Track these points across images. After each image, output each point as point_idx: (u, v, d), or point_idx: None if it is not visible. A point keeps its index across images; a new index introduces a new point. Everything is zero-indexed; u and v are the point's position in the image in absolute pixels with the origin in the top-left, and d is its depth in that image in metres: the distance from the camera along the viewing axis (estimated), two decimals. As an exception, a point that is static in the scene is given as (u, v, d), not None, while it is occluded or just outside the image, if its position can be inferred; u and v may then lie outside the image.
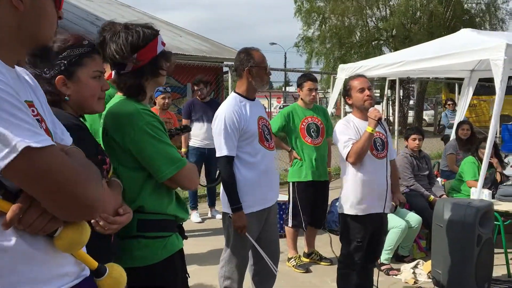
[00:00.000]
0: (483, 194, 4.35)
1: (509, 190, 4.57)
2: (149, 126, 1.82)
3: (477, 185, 4.42)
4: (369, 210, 3.24)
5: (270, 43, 61.30)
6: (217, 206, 6.06)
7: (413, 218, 4.56)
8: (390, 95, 15.68)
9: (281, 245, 3.40)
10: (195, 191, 6.22)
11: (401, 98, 17.63)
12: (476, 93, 8.63)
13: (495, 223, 3.94)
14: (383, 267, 4.30)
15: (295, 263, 4.50)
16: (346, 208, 3.28)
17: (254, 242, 2.95)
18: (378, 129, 3.23)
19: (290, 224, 4.54)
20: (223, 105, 2.96)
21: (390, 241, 4.29)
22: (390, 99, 16.36)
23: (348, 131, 3.24)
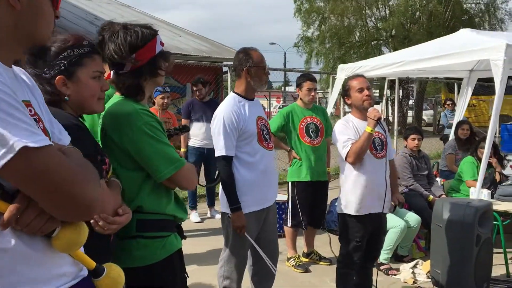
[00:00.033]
0: (482, 194, 4.35)
1: (508, 190, 4.56)
2: (147, 126, 1.82)
3: (476, 185, 4.43)
4: (368, 210, 3.23)
5: (270, 43, 61.52)
6: (217, 206, 6.06)
7: (412, 218, 4.56)
8: (389, 95, 15.68)
9: (280, 245, 3.40)
10: (194, 191, 6.23)
11: (401, 98, 17.64)
12: (475, 93, 8.63)
13: (494, 223, 3.94)
14: (382, 267, 4.29)
15: (294, 263, 4.50)
16: (345, 208, 3.28)
17: (253, 242, 2.95)
18: (377, 129, 3.22)
19: (289, 224, 4.54)
20: (222, 105, 2.96)
21: (389, 241, 4.29)
22: (389, 99, 16.36)
23: (347, 131, 3.24)
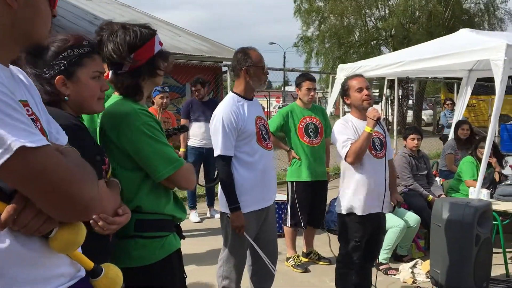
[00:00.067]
0: (482, 194, 4.35)
1: (508, 190, 4.56)
2: (146, 126, 1.81)
3: (475, 185, 4.43)
4: (367, 210, 3.23)
5: (269, 42, 61.12)
6: (216, 205, 6.05)
7: (412, 217, 4.56)
8: (389, 94, 15.68)
9: (280, 244, 3.39)
10: (194, 191, 6.23)
11: (400, 97, 17.64)
12: (475, 92, 8.63)
13: (493, 222, 3.95)
14: (381, 267, 4.29)
15: (293, 263, 4.50)
16: (344, 208, 3.27)
17: (252, 241, 2.95)
18: (377, 128, 3.22)
19: (288, 223, 4.54)
20: (221, 105, 2.96)
21: (388, 240, 4.28)
22: (389, 98, 16.36)
23: (346, 131, 3.23)
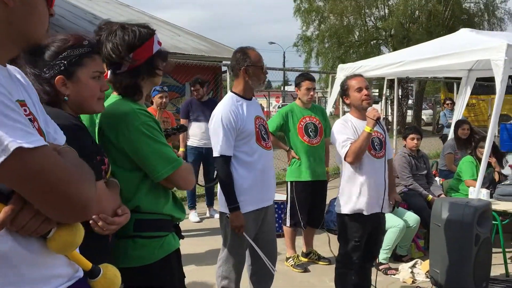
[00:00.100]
0: (481, 194, 4.35)
1: (507, 190, 4.56)
2: (144, 126, 1.81)
3: (475, 185, 4.43)
4: (367, 210, 3.23)
5: (269, 42, 61.20)
6: (216, 205, 6.05)
7: (411, 217, 4.56)
8: (388, 94, 15.68)
9: (279, 244, 3.39)
10: (193, 191, 6.23)
11: (400, 97, 17.64)
12: (475, 92, 8.64)
13: (493, 222, 3.94)
14: (381, 267, 4.28)
15: (293, 263, 4.50)
16: (344, 208, 3.27)
17: (252, 241, 2.95)
18: (376, 128, 3.22)
19: (288, 223, 4.54)
20: (220, 105, 2.96)
21: (388, 240, 4.28)
22: (388, 98, 16.36)
23: (346, 131, 3.23)
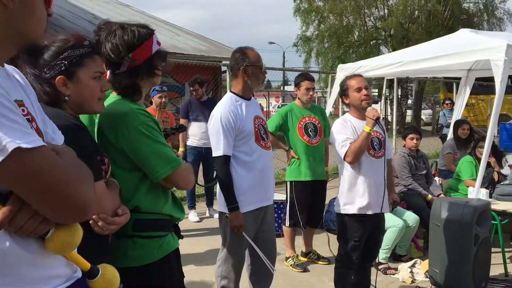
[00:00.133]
0: (481, 193, 4.35)
1: (507, 190, 4.56)
2: (144, 126, 1.81)
3: (474, 184, 4.43)
4: (366, 210, 3.23)
5: (269, 42, 61.18)
6: (215, 205, 6.04)
7: (411, 217, 4.56)
8: (388, 94, 15.68)
9: (279, 244, 3.39)
10: (193, 191, 6.23)
11: (399, 97, 17.64)
12: (474, 92, 8.63)
13: (492, 222, 3.94)
14: (380, 266, 4.28)
15: (292, 262, 4.50)
16: (343, 208, 3.27)
17: (251, 241, 2.95)
18: (376, 128, 3.22)
19: (287, 223, 4.54)
20: (219, 105, 2.96)
21: (387, 240, 4.28)
22: (388, 98, 16.36)
23: (345, 131, 3.23)
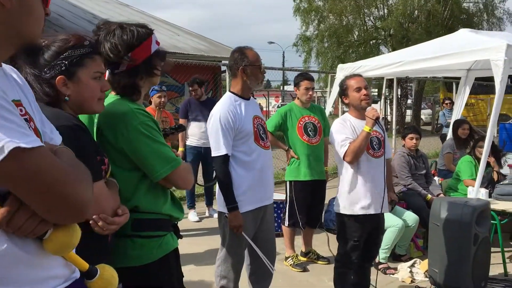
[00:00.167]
0: (480, 193, 4.35)
1: (506, 189, 4.56)
2: (143, 125, 1.81)
3: (474, 184, 4.43)
4: (366, 209, 3.23)
5: (268, 42, 61.39)
6: (215, 205, 6.04)
7: (410, 217, 4.56)
8: (387, 94, 15.68)
9: (279, 244, 3.39)
10: (192, 190, 6.23)
11: (399, 97, 17.64)
12: (474, 92, 8.63)
13: (492, 222, 3.94)
14: (380, 266, 4.28)
15: (292, 262, 4.50)
16: (342, 208, 3.27)
17: (250, 241, 2.95)
18: (375, 128, 3.22)
19: (286, 223, 4.54)
20: (218, 105, 2.95)
21: (387, 240, 4.28)
22: (387, 98, 16.36)
23: (344, 130, 3.23)
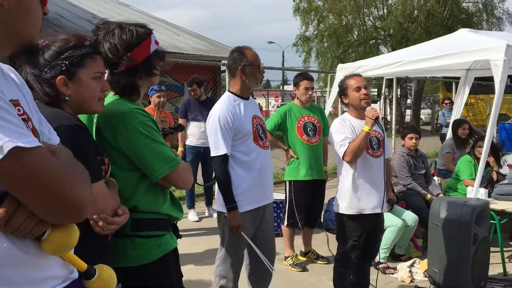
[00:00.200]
0: (479, 193, 4.35)
1: (505, 189, 4.57)
2: (142, 125, 1.81)
3: (473, 184, 4.43)
4: (365, 209, 3.23)
5: (268, 42, 61.38)
6: (214, 205, 6.01)
7: (410, 216, 4.56)
8: (387, 94, 15.69)
9: (278, 244, 3.39)
10: (192, 190, 6.23)
11: (399, 97, 17.65)
12: (473, 92, 8.64)
13: (491, 221, 3.95)
14: (379, 266, 4.28)
15: (291, 262, 4.50)
16: (342, 207, 3.27)
17: (250, 241, 2.95)
18: (375, 128, 3.22)
19: (285, 223, 4.54)
20: (217, 105, 2.95)
21: (386, 239, 4.28)
22: (387, 98, 16.37)
23: (344, 130, 3.23)
